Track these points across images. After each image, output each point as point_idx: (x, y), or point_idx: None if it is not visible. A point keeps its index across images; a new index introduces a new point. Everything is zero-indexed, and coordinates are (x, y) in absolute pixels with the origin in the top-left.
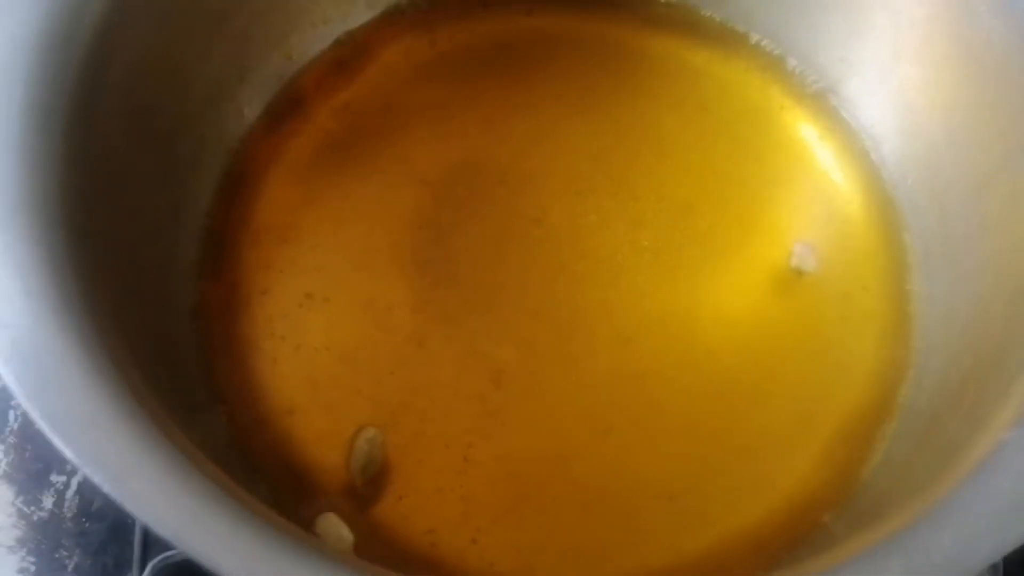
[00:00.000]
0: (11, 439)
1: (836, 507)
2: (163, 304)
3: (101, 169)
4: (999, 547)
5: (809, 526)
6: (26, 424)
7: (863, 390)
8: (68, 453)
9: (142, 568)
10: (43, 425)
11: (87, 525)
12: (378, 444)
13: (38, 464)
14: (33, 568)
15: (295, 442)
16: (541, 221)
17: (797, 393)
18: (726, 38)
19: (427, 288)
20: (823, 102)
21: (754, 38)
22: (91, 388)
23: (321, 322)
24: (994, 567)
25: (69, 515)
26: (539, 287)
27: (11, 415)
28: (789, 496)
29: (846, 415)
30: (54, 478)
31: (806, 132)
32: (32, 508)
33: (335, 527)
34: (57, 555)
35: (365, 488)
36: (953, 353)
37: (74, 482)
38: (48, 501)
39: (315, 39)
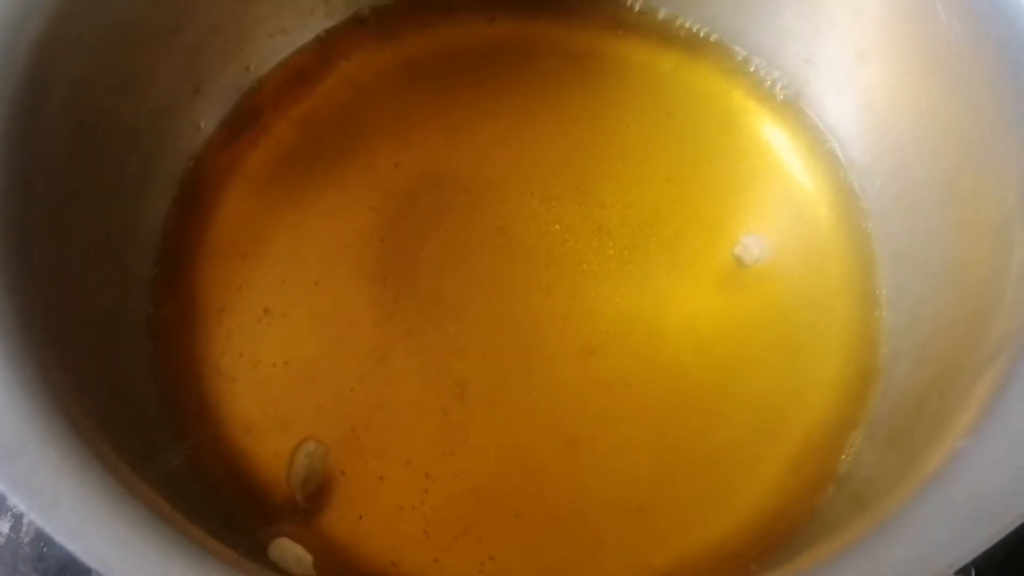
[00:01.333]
0: None
1: (805, 518)
2: (116, 322)
3: (45, 186)
4: (953, 560)
5: (778, 538)
6: None
7: (831, 398)
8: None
9: None
10: None
11: (45, 550)
12: (318, 458)
13: None
14: None
15: (252, 460)
16: (505, 230)
17: (764, 402)
18: (691, 43)
19: (388, 301)
20: (790, 105)
21: (719, 42)
22: (14, 416)
23: (280, 338)
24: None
25: (26, 539)
26: (503, 298)
27: None
28: (756, 508)
29: (813, 424)
30: (11, 502)
31: (773, 135)
32: None
33: (291, 550)
34: None
35: (306, 502)
36: (919, 359)
37: None
38: (4, 526)
39: (274, 49)
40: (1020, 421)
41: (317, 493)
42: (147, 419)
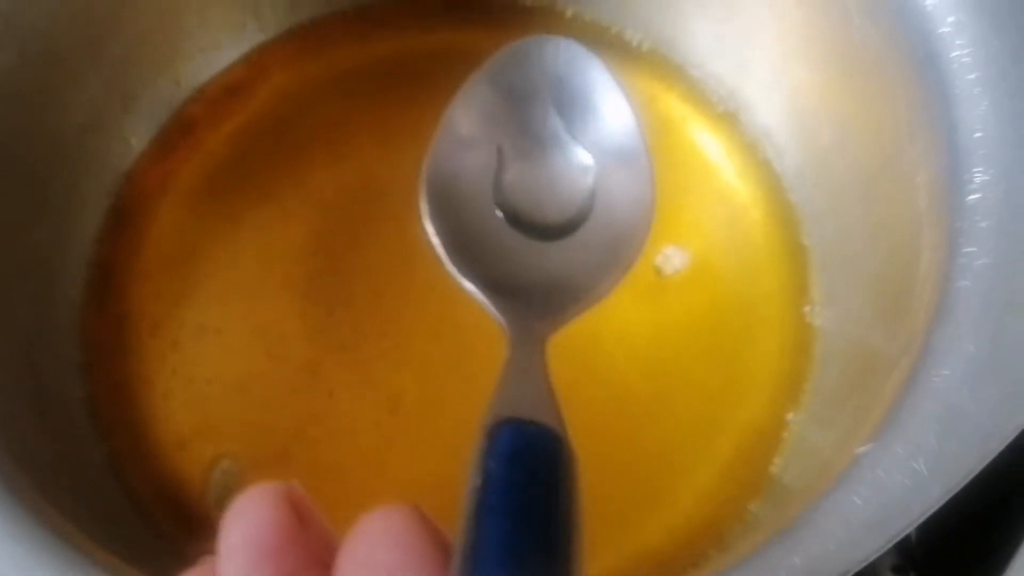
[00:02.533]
0: None
1: (740, 524)
2: (45, 342)
3: None
4: (848, 566)
5: (712, 542)
6: None
7: (764, 403)
8: None
9: None
10: None
11: None
12: (233, 475)
13: None
14: None
15: (183, 477)
16: None
17: (698, 408)
18: (627, 50)
19: (322, 316)
20: (724, 110)
21: (654, 49)
22: None
23: (214, 354)
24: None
25: None
26: (438, 309)
27: None
28: (690, 513)
29: (747, 428)
30: None
31: (708, 141)
32: None
33: None
34: None
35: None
36: (846, 361)
37: None
38: None
39: (205, 64)
40: (917, 429)
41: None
42: (77, 436)
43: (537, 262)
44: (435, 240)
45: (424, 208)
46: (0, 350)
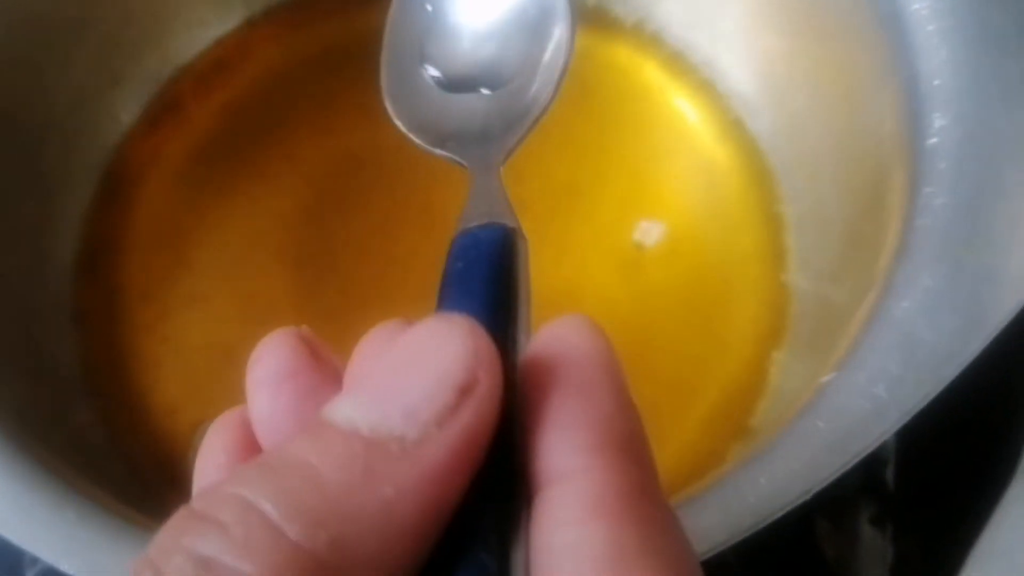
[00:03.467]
0: None
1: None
2: (39, 311)
3: None
4: (810, 484)
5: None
6: None
7: (742, 361)
8: None
9: None
10: None
11: None
12: None
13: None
14: None
15: (174, 441)
16: (428, 209)
17: (678, 368)
18: (604, 20)
19: (310, 284)
20: (699, 77)
21: (630, 18)
22: None
23: (203, 322)
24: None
25: None
26: (425, 275)
27: None
28: (670, 466)
29: (726, 386)
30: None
31: (684, 108)
32: None
33: None
34: None
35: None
36: (820, 318)
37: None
38: None
39: (192, 40)
40: (879, 356)
41: None
42: (71, 404)
43: (473, 107)
44: (394, 117)
45: (384, 86)
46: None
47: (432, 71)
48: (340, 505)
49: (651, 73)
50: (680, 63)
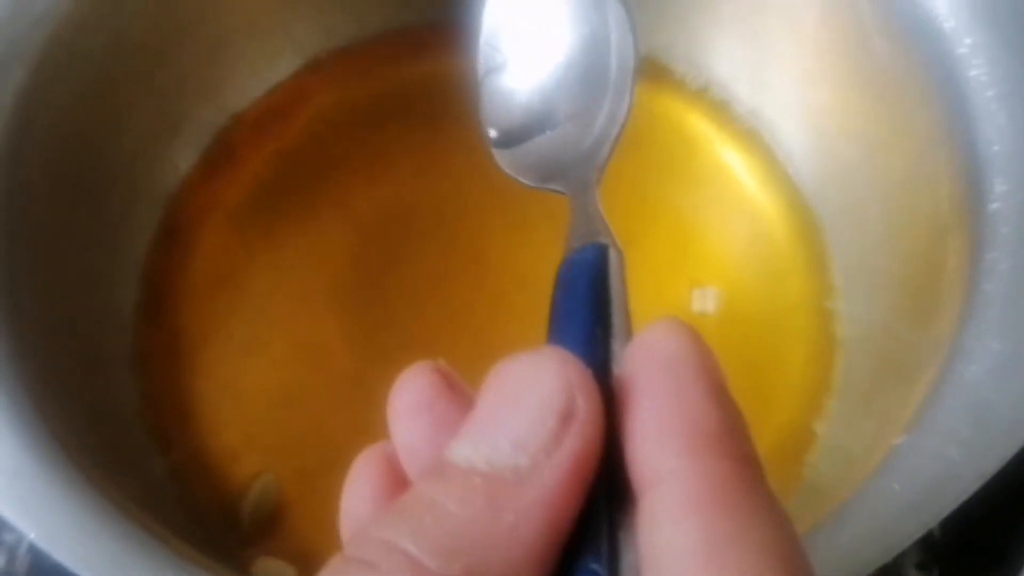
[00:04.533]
0: None
1: None
2: (101, 357)
3: (29, 230)
4: (890, 548)
5: None
6: None
7: (792, 409)
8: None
9: None
10: None
11: None
12: (271, 490)
13: None
14: None
15: (236, 487)
16: (479, 259)
17: None
18: (652, 72)
19: (364, 329)
20: (746, 128)
21: (678, 70)
22: (13, 438)
23: (260, 367)
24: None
25: (22, 572)
26: (480, 324)
27: None
28: None
29: (776, 434)
30: (6, 536)
31: (731, 159)
32: None
33: (274, 566)
34: None
35: (250, 528)
36: (871, 366)
37: (26, 541)
38: (0, 559)
39: (246, 90)
40: (950, 419)
41: (265, 523)
42: (134, 449)
43: (552, 145)
44: (503, 165)
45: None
46: (61, 365)
47: (492, 132)
48: (469, 536)
49: (698, 124)
50: (727, 114)
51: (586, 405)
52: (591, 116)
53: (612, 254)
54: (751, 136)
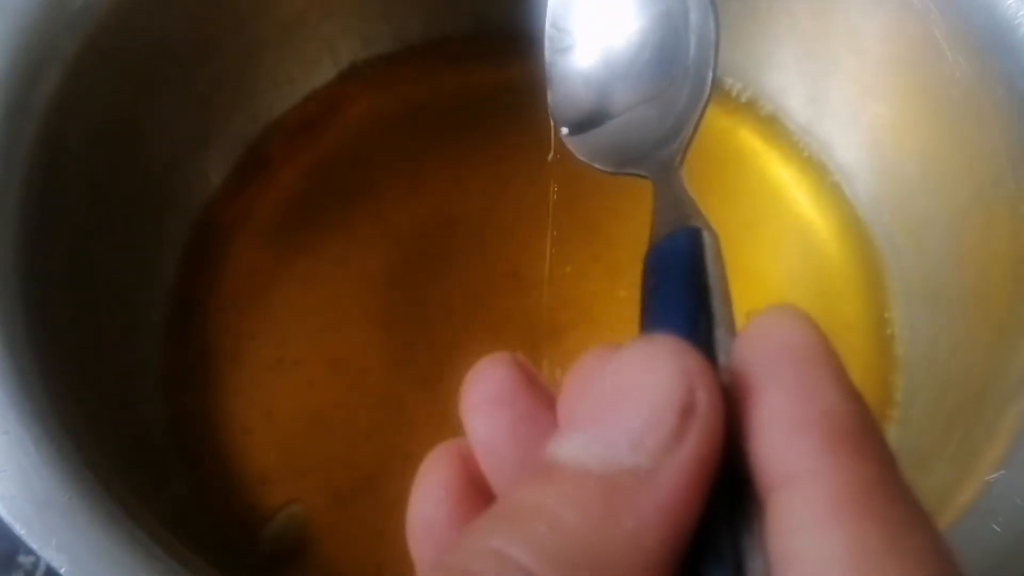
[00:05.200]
0: None
1: None
2: (130, 374)
3: (60, 243)
4: None
5: None
6: None
7: None
8: (24, 534)
9: None
10: None
11: None
12: (297, 521)
13: (4, 544)
14: None
15: (267, 511)
16: (516, 274)
17: None
18: None
19: (401, 348)
20: (796, 143)
21: (726, 83)
22: (45, 468)
23: (293, 387)
24: None
25: None
26: (517, 342)
27: None
28: None
29: None
30: (22, 559)
31: (781, 174)
32: None
33: None
34: None
35: (271, 555)
36: (937, 391)
37: (43, 563)
38: None
39: (281, 99)
40: None
41: (285, 553)
42: (162, 469)
43: (630, 127)
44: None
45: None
46: (90, 383)
47: (562, 118)
48: (588, 545)
49: (746, 137)
50: (777, 128)
51: (707, 398)
52: (670, 97)
53: (707, 236)
54: (802, 151)
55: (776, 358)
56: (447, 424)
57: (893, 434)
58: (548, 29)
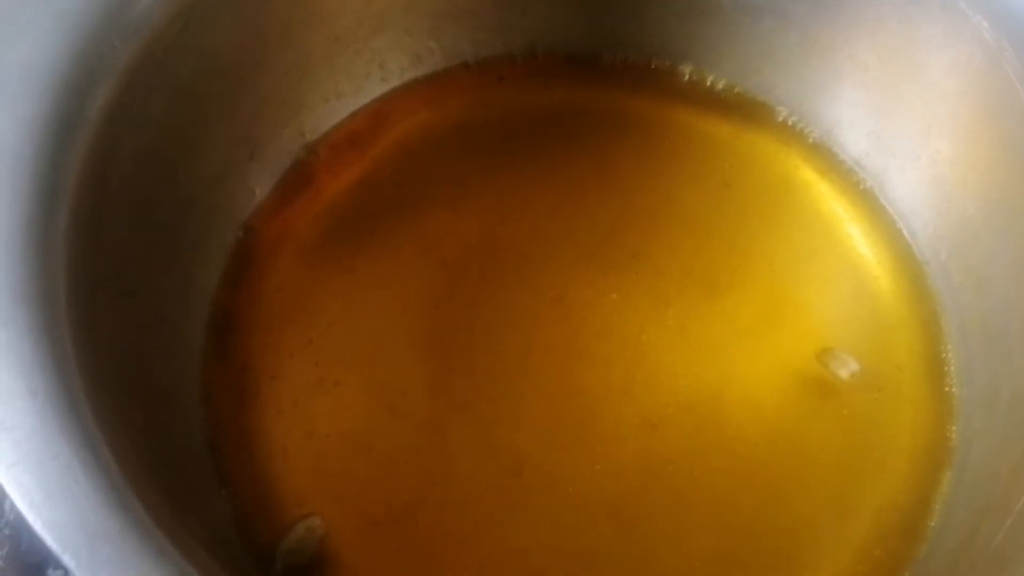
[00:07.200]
0: (6, 531)
1: None
2: (170, 392)
3: (107, 257)
4: None
5: None
6: (22, 515)
7: (901, 480)
8: (73, 565)
9: None
10: (46, 536)
11: None
12: (314, 535)
13: (34, 557)
14: None
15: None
16: (561, 300)
17: (831, 482)
18: (748, 111)
19: (443, 372)
20: (850, 176)
21: (778, 112)
22: (96, 495)
23: (333, 408)
24: None
25: None
26: (560, 370)
27: (6, 504)
28: None
29: (884, 507)
30: (51, 572)
31: (833, 207)
32: None
33: None
34: None
35: (283, 570)
36: (998, 441)
37: None
38: None
39: (328, 114)
40: None
41: (300, 569)
42: (200, 488)
43: None
44: None
45: None
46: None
47: None
48: None
49: (797, 168)
50: (831, 159)
51: None
52: None
53: None
54: (856, 184)
55: None
56: (487, 454)
57: (949, 487)
58: None
